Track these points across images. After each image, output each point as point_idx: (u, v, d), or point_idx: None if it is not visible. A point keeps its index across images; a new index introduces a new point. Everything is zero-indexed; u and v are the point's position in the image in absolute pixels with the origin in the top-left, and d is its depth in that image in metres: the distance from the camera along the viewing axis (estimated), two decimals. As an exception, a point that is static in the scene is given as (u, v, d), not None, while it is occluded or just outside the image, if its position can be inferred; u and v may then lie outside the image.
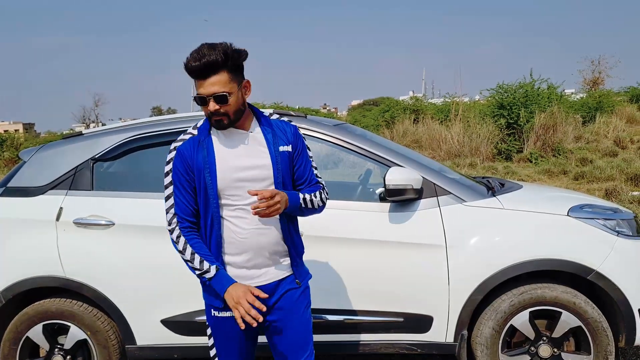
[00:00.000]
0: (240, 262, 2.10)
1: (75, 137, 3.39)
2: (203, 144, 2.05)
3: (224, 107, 1.97)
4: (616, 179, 9.58)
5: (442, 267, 2.96)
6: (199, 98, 1.97)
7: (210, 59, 1.91)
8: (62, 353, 3.19)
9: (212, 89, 1.95)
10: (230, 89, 1.97)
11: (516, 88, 14.12)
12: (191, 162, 2.05)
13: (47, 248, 3.12)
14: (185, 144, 2.08)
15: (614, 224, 3.03)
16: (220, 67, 1.95)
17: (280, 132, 2.13)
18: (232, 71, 1.98)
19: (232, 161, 2.04)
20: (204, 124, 2.12)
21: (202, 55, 1.91)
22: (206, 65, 1.92)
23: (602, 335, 2.91)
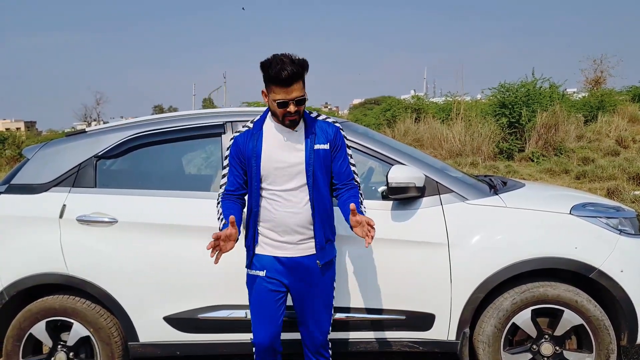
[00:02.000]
0: (272, 235, 2.54)
1: (79, 135, 3.40)
2: (255, 136, 2.51)
3: (300, 107, 2.42)
4: (618, 178, 9.57)
5: (445, 265, 2.96)
6: (281, 102, 2.37)
7: (297, 70, 2.33)
8: (65, 350, 3.19)
9: (294, 94, 2.36)
10: (304, 93, 2.42)
11: (518, 87, 14.09)
12: (243, 150, 2.52)
13: (50, 245, 3.12)
14: (241, 135, 2.56)
15: (616, 222, 3.03)
16: (300, 77, 2.37)
17: (320, 132, 2.52)
18: (303, 79, 2.41)
19: (275, 153, 2.47)
20: (259, 119, 2.57)
21: (288, 66, 2.31)
22: (292, 75, 2.32)
23: (604, 333, 2.91)
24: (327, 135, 2.52)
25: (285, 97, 2.36)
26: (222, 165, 2.59)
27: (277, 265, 2.55)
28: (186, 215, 3.09)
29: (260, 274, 2.57)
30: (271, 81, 2.36)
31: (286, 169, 2.47)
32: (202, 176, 3.91)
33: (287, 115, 2.40)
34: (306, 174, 2.47)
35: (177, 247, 3.06)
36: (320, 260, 2.55)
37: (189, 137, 3.30)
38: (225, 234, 2.38)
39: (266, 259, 2.56)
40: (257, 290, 2.59)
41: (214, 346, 3.15)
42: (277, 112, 2.42)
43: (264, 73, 2.38)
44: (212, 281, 3.06)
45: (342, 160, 2.57)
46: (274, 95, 2.38)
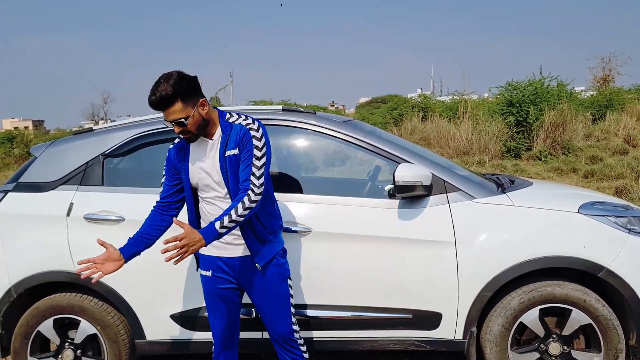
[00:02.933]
0: None
1: (86, 133, 3.41)
2: (183, 149, 2.59)
3: (185, 127, 2.40)
4: (626, 177, 9.51)
5: (451, 264, 2.95)
6: (166, 122, 2.43)
7: (165, 95, 2.32)
8: (73, 347, 3.21)
9: (170, 117, 2.39)
10: (186, 113, 2.38)
11: (525, 85, 14.02)
12: (174, 162, 2.60)
13: (57, 243, 3.14)
14: (174, 147, 2.64)
15: (625, 221, 3.00)
16: (171, 102, 2.35)
17: (233, 137, 2.49)
18: (184, 99, 2.37)
19: (197, 165, 2.54)
20: None
21: (156, 90, 2.33)
22: (160, 101, 2.34)
23: (613, 333, 2.89)
24: (236, 140, 2.48)
25: (165, 119, 2.41)
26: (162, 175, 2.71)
27: (221, 264, 2.61)
28: (193, 213, 3.08)
29: (207, 274, 2.66)
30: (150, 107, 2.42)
31: (207, 179, 2.52)
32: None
33: (179, 133, 2.45)
34: (224, 182, 2.49)
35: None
36: (259, 262, 2.57)
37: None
38: (101, 258, 2.48)
39: (210, 260, 2.63)
40: (207, 288, 2.68)
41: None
42: None
43: None
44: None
45: (244, 160, 2.46)
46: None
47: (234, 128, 2.50)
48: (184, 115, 2.38)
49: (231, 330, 2.73)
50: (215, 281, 2.64)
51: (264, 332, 3.08)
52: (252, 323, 3.05)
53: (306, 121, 3.17)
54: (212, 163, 2.50)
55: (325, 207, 3.05)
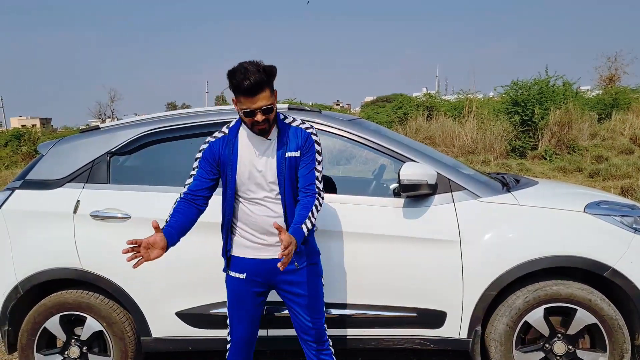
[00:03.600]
0: (251, 237, 2.53)
1: (93, 131, 3.43)
2: (230, 144, 2.47)
3: (269, 116, 2.35)
4: (632, 177, 9.47)
5: (456, 263, 2.95)
6: (247, 111, 2.32)
7: (260, 78, 2.26)
8: (79, 344, 3.23)
9: (260, 103, 2.31)
10: (272, 101, 2.35)
11: (531, 85, 13.96)
12: (217, 155, 2.47)
13: (64, 240, 3.15)
14: (217, 140, 2.50)
15: (631, 220, 3.00)
16: (266, 85, 2.30)
17: (292, 139, 2.47)
18: (271, 87, 2.35)
19: (249, 162, 2.44)
20: (234, 126, 2.52)
21: (251, 75, 2.24)
22: (255, 84, 2.26)
23: (618, 332, 2.89)
24: (298, 142, 2.47)
25: (250, 106, 2.31)
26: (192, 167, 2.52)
27: (257, 267, 2.54)
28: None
29: (240, 277, 2.57)
30: (235, 90, 2.31)
31: (259, 178, 2.44)
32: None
33: (255, 124, 2.36)
34: (278, 183, 2.44)
35: (190, 242, 3.06)
36: (298, 262, 2.54)
37: (202, 133, 3.31)
38: (148, 241, 2.29)
39: (246, 262, 2.55)
40: (237, 291, 2.60)
41: (225, 341, 3.16)
42: (246, 121, 2.38)
43: (229, 82, 2.32)
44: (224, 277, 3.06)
45: (307, 165, 2.48)
46: (240, 104, 2.34)
47: (292, 130, 2.49)
48: (270, 103, 2.34)
49: (254, 333, 2.69)
50: (249, 284, 2.57)
51: (269, 330, 3.09)
52: None
53: (312, 120, 3.17)
54: (268, 163, 2.44)
55: (330, 205, 3.06)
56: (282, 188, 2.45)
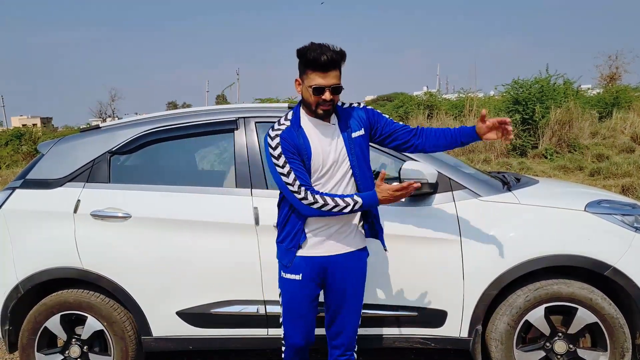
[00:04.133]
0: (319, 232, 2.47)
1: (93, 131, 3.43)
2: (299, 133, 2.41)
3: (336, 97, 2.36)
4: (633, 176, 9.46)
5: (457, 262, 2.95)
6: (318, 88, 2.30)
7: (335, 56, 2.29)
8: (79, 343, 3.23)
9: (332, 80, 2.31)
10: (340, 81, 2.36)
11: (532, 83, 13.93)
12: (295, 145, 2.39)
13: (64, 240, 3.15)
14: (286, 131, 2.41)
15: (632, 219, 2.99)
16: (338, 64, 2.33)
17: (353, 120, 2.48)
18: (340, 69, 2.36)
19: (321, 149, 2.41)
20: (293, 117, 2.46)
21: (328, 51, 2.27)
22: (332, 60, 2.28)
23: (619, 331, 2.88)
24: (360, 120, 2.49)
25: (321, 82, 2.30)
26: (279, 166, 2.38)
27: (316, 266, 2.47)
28: (199, 210, 3.10)
29: (296, 278, 2.48)
30: (308, 65, 2.30)
31: (332, 163, 2.42)
32: (215, 172, 3.92)
33: (321, 103, 2.34)
34: (350, 165, 2.44)
35: (190, 242, 3.08)
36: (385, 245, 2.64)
37: (202, 133, 3.32)
38: None
39: (305, 262, 2.47)
40: (293, 293, 2.52)
41: (226, 341, 3.17)
42: (311, 101, 2.35)
43: (301, 58, 2.33)
44: (225, 276, 3.07)
45: (387, 124, 2.55)
46: (310, 81, 2.32)
47: (348, 112, 2.51)
48: (340, 83, 2.35)
49: (310, 336, 2.60)
50: (306, 286, 2.49)
51: (270, 329, 3.09)
52: (259, 320, 3.06)
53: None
54: (337, 147, 2.43)
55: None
56: (355, 169, 2.45)
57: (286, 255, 2.50)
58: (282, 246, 2.53)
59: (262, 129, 3.23)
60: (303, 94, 2.40)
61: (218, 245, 3.06)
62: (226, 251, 3.05)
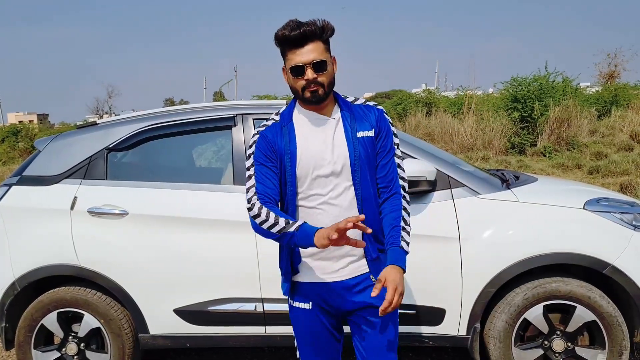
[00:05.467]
0: (316, 255, 2.03)
1: (90, 127, 3.41)
2: (285, 130, 2.01)
3: (322, 75, 1.93)
4: (631, 174, 9.48)
5: (456, 260, 2.94)
6: (295, 68, 1.92)
7: (309, 29, 1.90)
8: (76, 341, 3.22)
9: (310, 56, 1.91)
10: (326, 57, 1.95)
11: (530, 81, 13.94)
12: (274, 146, 2.00)
13: (61, 237, 3.14)
14: (268, 129, 2.04)
15: (630, 217, 2.99)
16: (317, 37, 1.93)
17: (361, 117, 2.03)
18: (325, 43, 1.97)
19: (311, 149, 1.98)
20: (286, 110, 2.08)
21: (299, 25, 1.90)
22: (305, 34, 1.90)
23: (617, 330, 2.88)
24: (370, 120, 2.03)
25: (299, 60, 1.90)
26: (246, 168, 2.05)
27: (325, 293, 2.05)
28: (197, 207, 3.09)
29: (305, 307, 2.09)
30: (282, 44, 1.94)
31: (326, 167, 1.96)
32: (212, 169, 3.91)
33: (305, 88, 1.93)
34: (351, 170, 1.97)
35: (187, 239, 3.07)
36: (374, 274, 2.04)
37: (200, 129, 3.30)
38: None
39: (312, 288, 2.06)
40: (305, 325, 2.12)
41: (223, 338, 3.16)
42: (295, 85, 1.95)
43: (275, 40, 1.96)
44: (223, 274, 3.06)
45: (387, 152, 2.05)
46: (288, 62, 1.94)
47: (358, 107, 2.06)
48: (324, 58, 1.93)
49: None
50: (318, 316, 2.08)
51: (267, 327, 3.08)
52: (257, 318, 3.05)
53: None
54: (336, 146, 1.98)
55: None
56: (356, 176, 1.98)
57: (284, 282, 2.12)
58: (281, 271, 2.14)
59: (260, 126, 3.23)
60: (288, 82, 2.01)
61: (215, 243, 3.05)
62: (224, 248, 3.04)
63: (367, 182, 2.00)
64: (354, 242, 1.79)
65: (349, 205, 1.99)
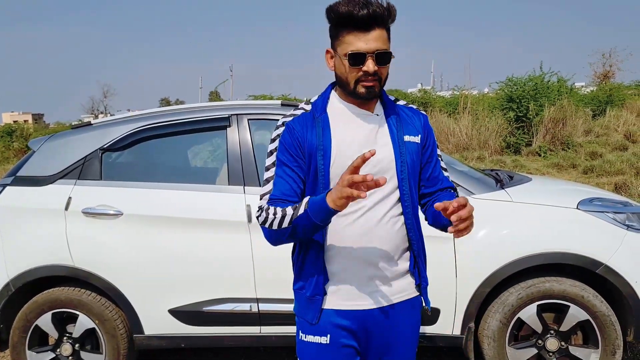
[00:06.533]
0: (348, 275, 1.69)
1: (84, 127, 3.40)
2: (318, 122, 1.68)
3: (383, 68, 1.63)
4: (626, 173, 9.52)
5: (450, 260, 2.95)
6: (356, 55, 1.58)
7: (378, 11, 1.56)
8: (71, 341, 3.21)
9: (375, 44, 1.58)
10: (389, 48, 1.63)
11: (526, 81, 13.99)
12: (302, 140, 1.67)
13: (56, 237, 3.13)
14: (296, 119, 1.70)
15: (623, 217, 3.01)
16: (384, 22, 1.60)
17: (407, 119, 1.77)
18: (388, 31, 1.64)
19: (350, 147, 1.65)
20: (319, 99, 1.76)
21: (367, 3, 1.56)
22: (374, 15, 1.56)
23: (611, 329, 2.90)
24: (416, 126, 1.77)
25: (361, 47, 1.57)
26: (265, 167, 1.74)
27: (351, 322, 1.69)
28: (192, 208, 3.09)
29: (322, 341, 1.69)
30: (342, 25, 1.59)
31: (366, 168, 1.62)
32: (207, 169, 3.91)
33: (362, 78, 1.61)
34: (397, 174, 1.68)
35: (182, 240, 3.07)
36: (427, 303, 1.79)
37: (195, 129, 3.30)
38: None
39: (335, 316, 1.69)
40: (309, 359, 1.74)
41: (218, 339, 3.16)
42: (347, 75, 1.62)
43: (332, 17, 1.62)
44: (217, 274, 3.06)
45: (435, 162, 1.81)
46: (346, 46, 1.59)
47: (403, 109, 1.80)
48: (389, 48, 1.62)
49: None
50: (337, 352, 1.69)
51: (263, 327, 3.09)
52: (252, 318, 3.06)
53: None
54: (380, 147, 1.67)
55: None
56: (404, 182, 1.69)
57: (309, 308, 1.71)
58: (301, 294, 1.74)
59: (255, 126, 3.23)
60: (337, 69, 1.67)
61: (210, 243, 3.04)
62: (219, 249, 3.04)
63: (414, 192, 1.74)
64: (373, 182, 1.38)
65: (392, 216, 1.69)
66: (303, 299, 1.73)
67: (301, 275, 1.73)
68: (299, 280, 1.74)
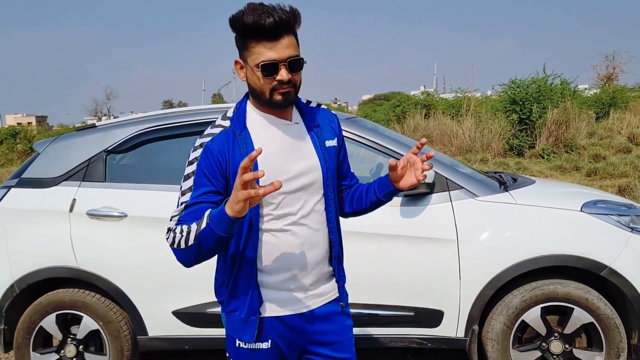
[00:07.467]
0: (281, 283, 1.70)
1: (89, 130, 3.42)
2: (239, 140, 1.63)
3: (296, 75, 1.62)
4: (630, 176, 9.49)
5: (453, 262, 2.95)
6: (268, 66, 1.56)
7: (284, 17, 1.55)
8: (75, 343, 3.22)
9: (286, 52, 1.57)
10: (300, 53, 1.63)
11: (529, 83, 13.97)
12: (223, 161, 1.62)
13: (60, 239, 3.15)
14: (215, 139, 1.64)
15: (628, 220, 3.00)
16: (291, 28, 1.60)
17: (324, 124, 1.79)
18: (297, 37, 1.64)
19: (276, 161, 1.63)
20: (236, 114, 1.70)
21: (272, 11, 1.54)
22: (280, 24, 1.54)
23: (615, 332, 2.89)
24: (333, 128, 1.81)
25: (272, 56, 1.55)
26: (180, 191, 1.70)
27: (286, 328, 1.72)
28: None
29: (262, 347, 1.71)
30: (250, 35, 1.56)
31: (295, 181, 1.65)
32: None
33: (276, 88, 1.59)
34: (324, 181, 1.71)
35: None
36: (343, 301, 1.85)
37: (198, 132, 3.30)
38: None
39: (272, 324, 1.71)
40: None
41: (222, 340, 3.15)
42: (261, 87, 1.60)
43: (237, 28, 1.59)
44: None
45: (346, 157, 1.91)
46: (256, 57, 1.57)
47: (318, 112, 1.81)
48: (299, 54, 1.62)
49: None
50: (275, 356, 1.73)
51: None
52: None
53: None
54: (303, 156, 1.69)
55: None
56: (329, 190, 1.73)
57: (245, 331, 1.70)
58: (234, 316, 1.72)
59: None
60: (249, 80, 1.64)
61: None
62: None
63: (334, 194, 1.78)
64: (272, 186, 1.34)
65: (319, 225, 1.73)
66: (237, 321, 1.72)
67: (233, 297, 1.72)
68: (231, 302, 1.73)
